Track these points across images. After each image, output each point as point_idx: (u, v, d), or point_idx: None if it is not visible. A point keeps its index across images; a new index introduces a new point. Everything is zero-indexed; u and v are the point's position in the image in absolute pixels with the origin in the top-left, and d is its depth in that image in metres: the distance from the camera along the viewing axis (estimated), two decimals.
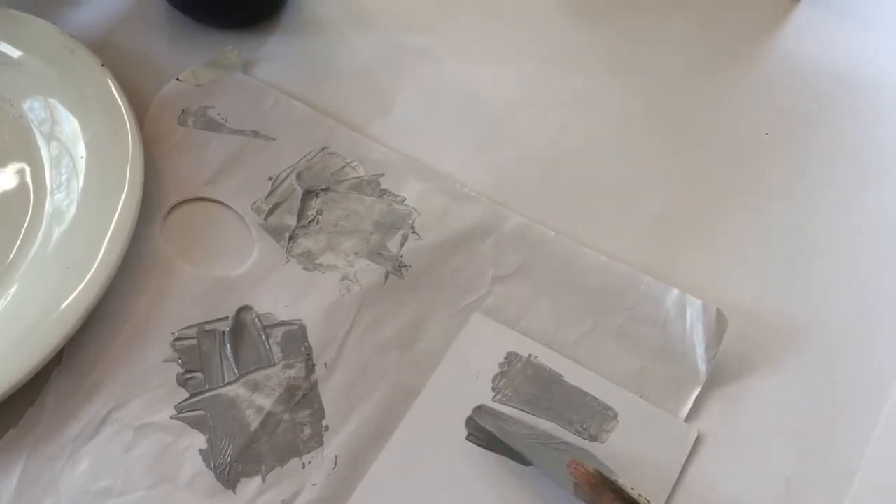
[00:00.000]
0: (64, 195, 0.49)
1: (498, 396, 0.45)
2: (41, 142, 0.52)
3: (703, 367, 0.45)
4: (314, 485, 0.42)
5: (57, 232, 0.48)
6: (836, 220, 0.50)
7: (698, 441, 0.43)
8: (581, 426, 0.44)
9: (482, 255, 0.48)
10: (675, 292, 0.47)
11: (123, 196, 0.46)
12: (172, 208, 0.49)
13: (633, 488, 0.40)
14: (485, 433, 0.43)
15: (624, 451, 0.43)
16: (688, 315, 0.46)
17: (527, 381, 0.45)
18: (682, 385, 0.45)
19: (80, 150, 0.50)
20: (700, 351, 0.45)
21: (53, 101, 0.52)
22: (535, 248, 0.48)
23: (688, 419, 0.44)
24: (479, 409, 0.43)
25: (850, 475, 0.43)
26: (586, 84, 0.56)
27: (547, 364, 0.45)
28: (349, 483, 0.42)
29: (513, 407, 0.44)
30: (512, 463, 0.42)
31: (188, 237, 0.48)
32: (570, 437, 0.44)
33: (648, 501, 0.40)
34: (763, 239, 0.51)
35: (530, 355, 0.46)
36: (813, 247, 0.49)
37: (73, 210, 0.48)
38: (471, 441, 0.42)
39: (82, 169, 0.50)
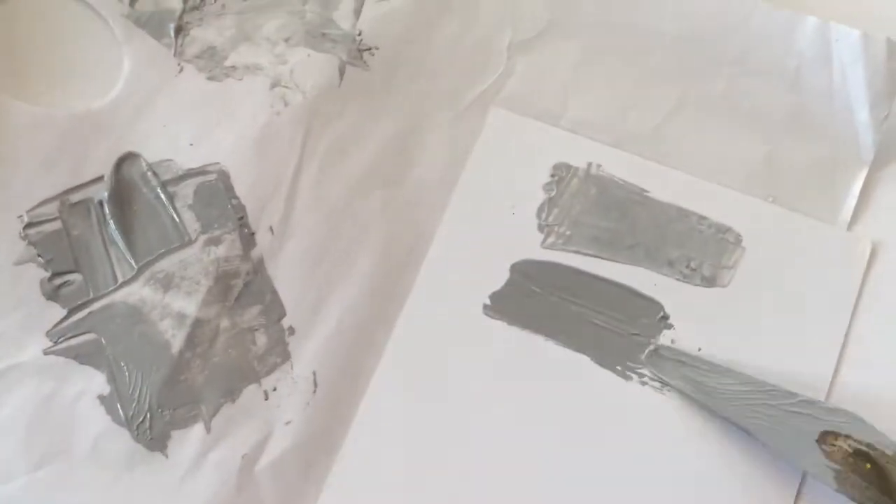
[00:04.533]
0: None
1: (550, 240, 0.34)
2: None
3: (867, 138, 0.35)
4: (288, 423, 0.33)
5: None
6: None
7: (873, 256, 0.34)
8: (688, 266, 0.34)
9: (488, 8, 0.38)
10: (811, 21, 0.35)
11: None
12: None
13: None
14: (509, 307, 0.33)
15: (760, 293, 0.33)
16: (835, 56, 0.35)
17: (591, 206, 0.35)
18: (836, 172, 0.35)
19: None
20: (862, 113, 0.35)
21: None
22: None
23: (852, 225, 0.35)
24: (654, 350, 0.33)
25: None
26: None
27: (618, 174, 0.35)
28: (341, 411, 0.33)
29: (576, 252, 0.34)
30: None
31: (11, 54, 0.38)
32: (675, 286, 0.33)
33: None
34: None
35: (590, 164, 0.35)
36: None
37: None
38: (489, 315, 0.33)
39: None
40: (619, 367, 0.31)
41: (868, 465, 0.29)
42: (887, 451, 0.29)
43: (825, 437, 0.29)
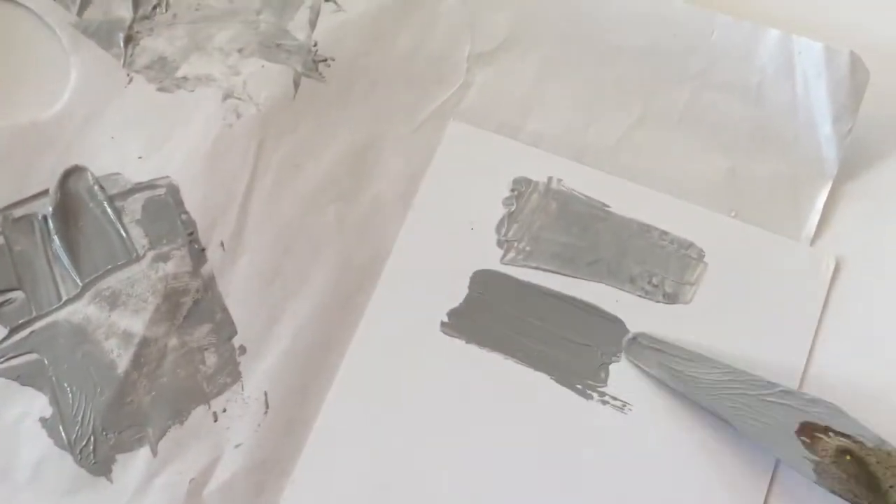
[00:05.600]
0: None
1: (510, 256, 0.33)
2: None
3: (831, 152, 0.33)
4: (238, 445, 0.31)
5: None
6: None
7: (837, 271, 0.33)
8: (650, 282, 0.32)
9: (446, 20, 0.37)
10: (774, 34, 0.34)
11: None
12: None
13: None
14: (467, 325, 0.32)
15: (723, 309, 0.32)
16: (798, 70, 0.34)
17: (551, 221, 0.34)
18: (800, 186, 0.34)
19: None
20: (825, 127, 0.33)
21: None
22: None
23: (816, 240, 0.34)
24: (632, 340, 0.32)
25: None
26: None
27: (579, 189, 0.34)
28: (293, 433, 0.32)
29: (536, 268, 0.33)
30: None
31: None
32: (638, 302, 0.32)
33: None
34: None
35: (551, 178, 0.34)
36: None
37: None
38: (447, 333, 0.32)
39: None
40: (579, 386, 0.30)
41: (848, 458, 0.28)
42: (867, 444, 0.28)
43: (805, 429, 0.28)
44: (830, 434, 0.28)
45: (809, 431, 0.28)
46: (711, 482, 0.30)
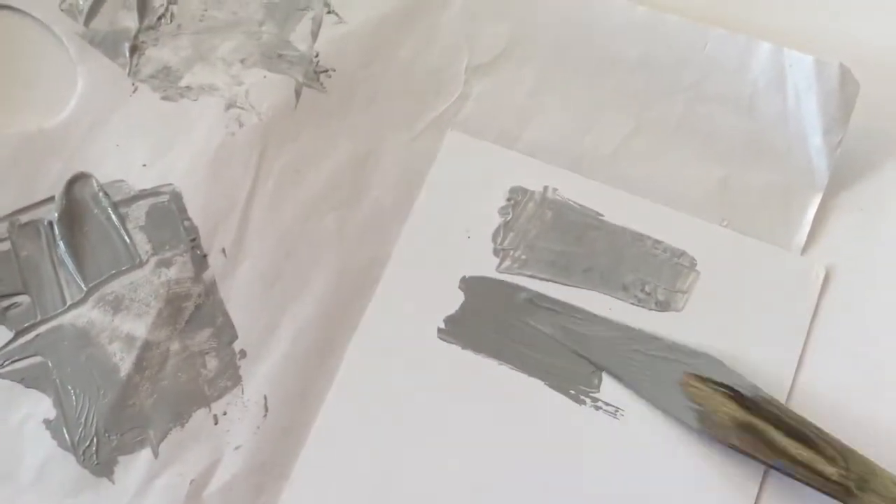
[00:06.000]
0: None
1: (505, 263, 0.33)
2: None
3: (821, 163, 0.33)
4: (238, 447, 0.31)
5: None
6: None
7: (827, 281, 0.33)
8: (643, 290, 0.32)
9: (446, 32, 0.36)
10: (766, 47, 0.34)
11: None
12: None
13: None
14: (463, 329, 0.32)
15: (714, 317, 0.32)
16: (790, 82, 0.34)
17: (546, 230, 0.34)
18: (790, 197, 0.34)
19: None
20: (816, 138, 0.33)
21: None
22: (528, 7, 0.36)
23: (806, 250, 0.33)
24: (526, 300, 0.32)
25: None
26: None
27: (574, 198, 0.34)
28: (292, 436, 0.32)
29: (531, 276, 0.33)
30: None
31: None
32: (630, 310, 0.32)
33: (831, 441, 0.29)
34: None
35: (546, 188, 0.34)
36: None
37: None
38: (443, 339, 0.32)
39: None
40: (572, 392, 0.30)
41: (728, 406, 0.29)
42: (746, 393, 0.29)
43: (688, 379, 0.29)
44: (710, 384, 0.29)
45: (692, 382, 0.29)
46: (703, 486, 0.30)
